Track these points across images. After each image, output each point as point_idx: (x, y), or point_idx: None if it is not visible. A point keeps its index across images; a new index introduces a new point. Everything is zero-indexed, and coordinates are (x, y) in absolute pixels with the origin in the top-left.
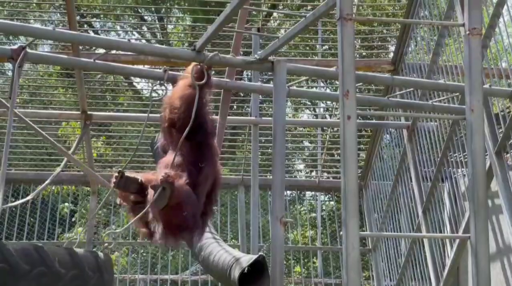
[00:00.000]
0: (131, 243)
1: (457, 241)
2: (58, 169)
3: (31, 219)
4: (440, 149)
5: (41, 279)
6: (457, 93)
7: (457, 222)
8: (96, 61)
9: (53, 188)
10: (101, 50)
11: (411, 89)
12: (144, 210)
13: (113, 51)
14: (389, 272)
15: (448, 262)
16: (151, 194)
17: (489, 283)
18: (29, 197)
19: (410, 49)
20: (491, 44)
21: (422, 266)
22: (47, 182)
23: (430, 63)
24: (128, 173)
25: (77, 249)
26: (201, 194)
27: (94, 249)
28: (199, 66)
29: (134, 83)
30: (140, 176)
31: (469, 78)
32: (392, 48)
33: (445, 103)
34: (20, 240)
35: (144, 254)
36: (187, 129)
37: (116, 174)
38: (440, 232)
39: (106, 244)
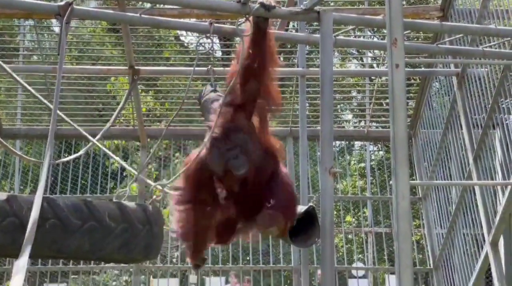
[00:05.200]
0: None
1: (509, 187)
2: (108, 124)
3: (84, 174)
4: (491, 95)
5: (92, 233)
6: (508, 38)
7: (509, 168)
8: (142, 15)
9: (104, 142)
10: (147, 5)
11: (461, 35)
12: None
13: (159, 6)
14: (440, 220)
15: (500, 209)
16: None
17: None
18: (80, 152)
19: None
20: None
21: (473, 214)
22: (97, 137)
23: (480, 8)
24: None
25: (126, 202)
26: None
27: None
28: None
29: (181, 38)
30: None
31: None
32: None
33: (496, 48)
34: (74, 195)
35: None
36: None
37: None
38: (492, 179)
39: (154, 197)
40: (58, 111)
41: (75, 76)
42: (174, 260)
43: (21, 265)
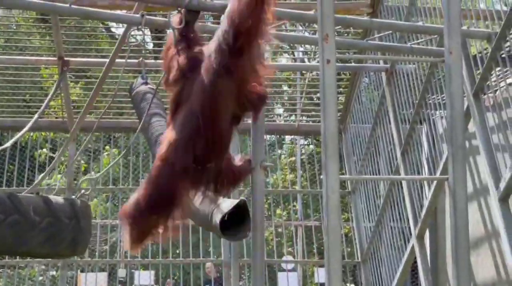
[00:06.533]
0: (112, 189)
1: (435, 182)
2: (36, 116)
3: (10, 166)
4: (418, 91)
5: (15, 227)
6: (436, 36)
7: (435, 163)
8: (72, 6)
9: (32, 134)
10: None
11: (390, 32)
12: None
13: None
14: (368, 214)
15: (426, 203)
16: None
17: (466, 223)
18: (7, 144)
19: None
20: None
21: (401, 207)
22: (25, 129)
23: (409, 5)
24: None
25: (53, 196)
26: None
27: (73, 196)
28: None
29: (112, 29)
30: None
31: (447, 20)
32: None
33: (423, 45)
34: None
35: (125, 199)
36: None
37: None
38: (418, 173)
39: (82, 191)
40: None
41: (0, 66)
42: (103, 254)
43: None
